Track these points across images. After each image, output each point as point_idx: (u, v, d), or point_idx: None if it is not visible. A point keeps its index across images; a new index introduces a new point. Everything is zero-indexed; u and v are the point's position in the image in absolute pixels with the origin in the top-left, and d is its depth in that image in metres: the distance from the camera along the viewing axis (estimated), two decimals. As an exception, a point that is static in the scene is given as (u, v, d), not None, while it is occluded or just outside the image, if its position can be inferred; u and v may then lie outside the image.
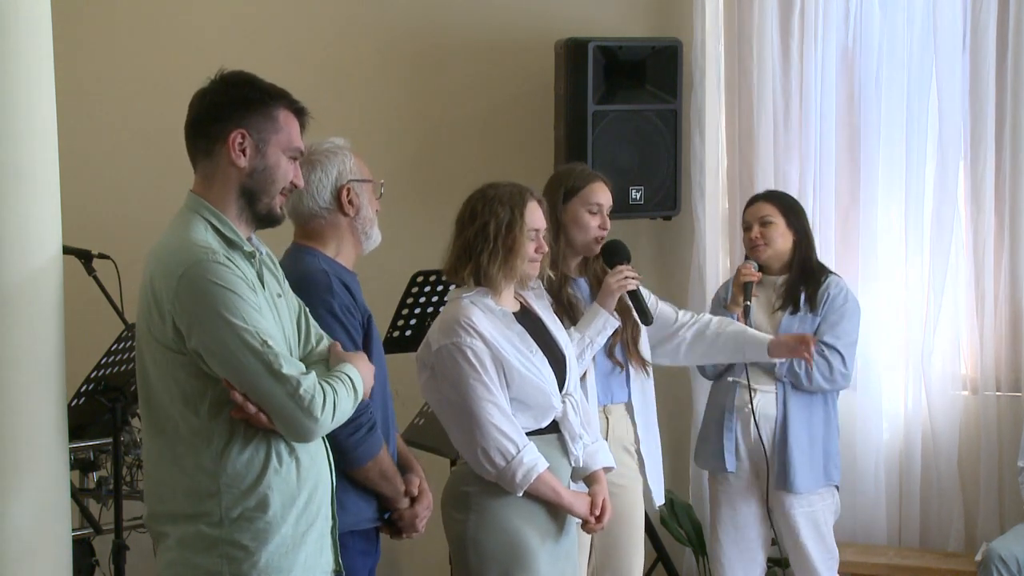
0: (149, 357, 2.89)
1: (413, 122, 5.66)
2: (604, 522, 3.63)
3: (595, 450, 3.69)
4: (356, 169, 3.43)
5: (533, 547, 3.49)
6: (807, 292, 4.54)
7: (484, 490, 3.49)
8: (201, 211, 2.89)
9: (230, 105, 2.90)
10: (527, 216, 3.55)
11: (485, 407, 3.44)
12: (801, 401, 4.50)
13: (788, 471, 4.46)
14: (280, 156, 2.92)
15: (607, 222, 4.14)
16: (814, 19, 5.20)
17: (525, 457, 3.43)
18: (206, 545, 2.86)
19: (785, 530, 4.55)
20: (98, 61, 5.82)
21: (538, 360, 3.54)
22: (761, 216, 4.58)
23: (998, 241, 5.12)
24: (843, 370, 4.50)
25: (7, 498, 3.48)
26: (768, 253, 4.57)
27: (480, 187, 3.62)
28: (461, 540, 3.51)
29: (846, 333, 4.52)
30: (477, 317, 3.48)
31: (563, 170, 4.30)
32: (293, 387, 2.78)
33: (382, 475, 3.30)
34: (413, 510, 3.40)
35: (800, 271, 4.58)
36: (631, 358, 4.18)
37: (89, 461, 4.55)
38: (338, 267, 3.39)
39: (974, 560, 4.80)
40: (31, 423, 3.52)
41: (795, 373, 4.46)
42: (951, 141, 5.13)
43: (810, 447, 4.49)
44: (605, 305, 4.01)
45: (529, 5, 5.52)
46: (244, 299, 2.79)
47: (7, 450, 3.47)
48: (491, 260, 3.52)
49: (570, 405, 3.59)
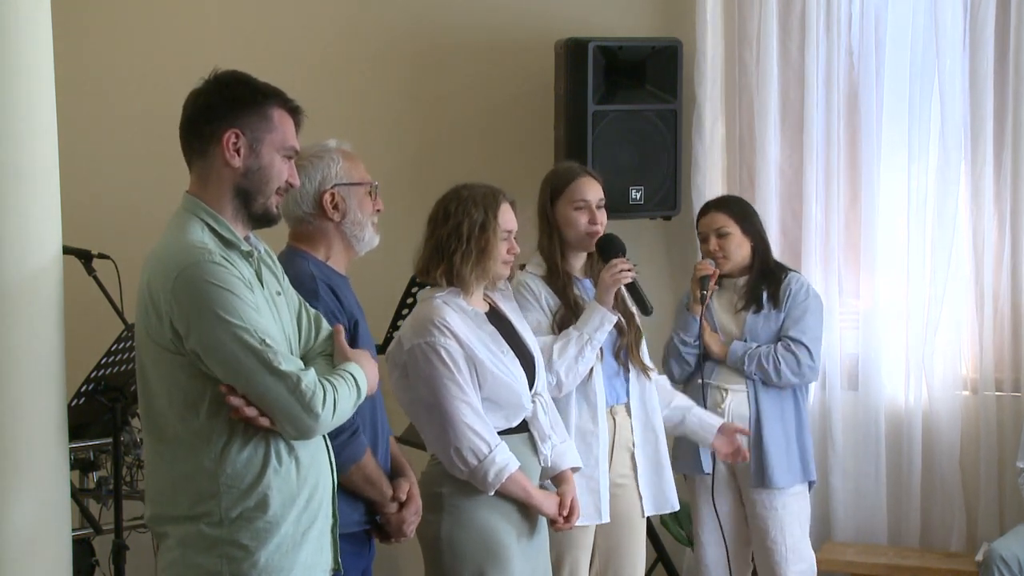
0: (148, 359, 2.89)
1: (413, 122, 5.66)
2: (573, 522, 3.67)
3: (563, 450, 3.72)
4: (344, 172, 3.42)
5: (508, 544, 3.52)
6: (769, 291, 4.60)
7: (457, 490, 3.52)
8: (197, 212, 2.89)
9: (223, 105, 2.89)
10: (500, 217, 3.59)
11: (458, 406, 3.47)
12: (773, 398, 4.56)
13: (765, 467, 4.49)
14: (274, 155, 2.91)
15: (598, 216, 4.12)
16: (814, 19, 5.20)
17: (497, 457, 3.47)
18: (206, 545, 2.85)
19: (759, 529, 4.56)
20: (98, 61, 5.82)
21: (509, 360, 3.57)
22: (717, 228, 4.62)
23: (998, 241, 5.12)
24: (810, 363, 4.55)
25: (7, 498, 3.48)
26: (728, 266, 4.61)
27: (453, 187, 3.65)
28: (435, 540, 3.53)
29: (811, 328, 4.59)
30: (450, 317, 3.51)
31: (551, 170, 4.30)
32: (293, 383, 2.78)
33: (366, 480, 3.29)
34: (400, 515, 3.40)
35: (760, 272, 4.64)
36: (632, 360, 4.17)
37: (89, 461, 4.55)
38: (328, 270, 3.39)
39: (975, 560, 4.81)
40: (31, 423, 3.52)
41: (764, 370, 4.51)
42: (952, 141, 5.12)
43: (785, 443, 4.53)
44: (602, 301, 4.01)
45: (529, 5, 5.52)
46: (241, 298, 2.78)
47: (7, 450, 3.47)
48: (464, 260, 3.56)
49: (540, 405, 3.64)
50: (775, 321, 4.58)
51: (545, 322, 4.03)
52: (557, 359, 3.93)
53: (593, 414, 4.04)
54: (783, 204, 5.33)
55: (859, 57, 5.22)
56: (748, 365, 4.52)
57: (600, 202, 4.15)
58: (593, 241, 4.13)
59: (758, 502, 4.54)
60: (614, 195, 4.99)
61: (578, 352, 3.95)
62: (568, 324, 4.03)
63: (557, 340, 3.97)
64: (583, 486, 3.95)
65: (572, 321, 4.03)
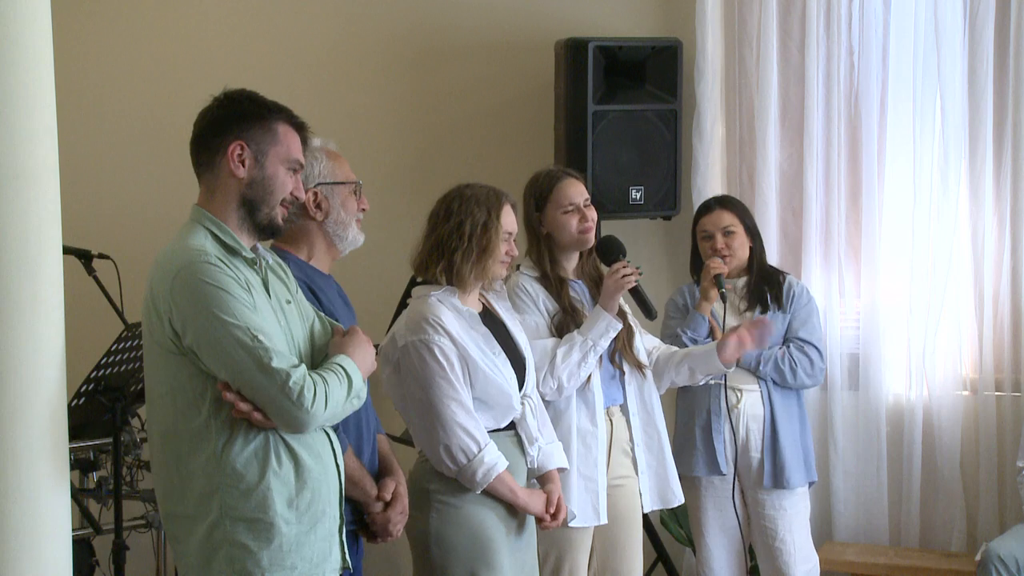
0: (151, 360, 2.97)
1: (413, 122, 5.66)
2: (560, 519, 3.68)
3: (550, 451, 3.74)
4: (328, 171, 3.43)
5: (496, 540, 3.54)
6: (771, 292, 4.61)
7: (446, 487, 3.53)
8: (203, 221, 2.97)
9: (230, 119, 2.98)
10: (503, 219, 3.61)
11: (450, 405, 3.48)
12: (784, 399, 4.57)
13: (783, 468, 4.48)
14: (279, 167, 2.99)
15: (588, 214, 4.11)
16: (814, 19, 5.20)
17: (486, 456, 3.49)
18: (212, 545, 2.89)
19: (767, 529, 4.54)
20: (99, 61, 5.82)
21: (501, 361, 3.59)
22: (724, 226, 4.61)
23: (998, 241, 5.12)
24: (821, 365, 4.61)
25: (7, 498, 3.48)
26: (733, 264, 4.60)
27: (456, 187, 3.67)
28: (423, 537, 3.54)
29: (816, 328, 4.63)
30: (445, 315, 3.53)
31: (531, 178, 4.22)
32: (282, 380, 2.83)
33: (347, 480, 3.29)
34: (385, 515, 3.41)
35: (759, 272, 4.64)
36: (626, 359, 4.17)
37: (89, 461, 4.55)
38: (310, 270, 3.40)
39: (975, 560, 4.80)
40: (31, 423, 3.52)
41: (780, 372, 4.51)
42: (952, 141, 5.12)
43: (796, 443, 4.54)
44: (607, 307, 4.01)
45: (529, 5, 5.52)
46: (235, 297, 2.85)
47: (7, 450, 3.47)
48: (464, 259, 3.58)
49: (528, 407, 3.66)
50: (781, 322, 4.58)
51: (543, 324, 4.03)
52: (560, 363, 3.93)
53: (592, 416, 4.05)
54: (783, 204, 5.34)
55: (859, 57, 5.22)
56: (764, 366, 4.51)
57: (586, 201, 4.14)
58: (587, 240, 4.12)
59: (767, 503, 4.53)
60: (614, 195, 4.99)
61: (581, 358, 3.96)
62: (565, 328, 4.02)
63: (561, 344, 3.97)
64: (581, 487, 3.96)
65: (569, 325, 4.02)
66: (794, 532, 4.53)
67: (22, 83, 3.36)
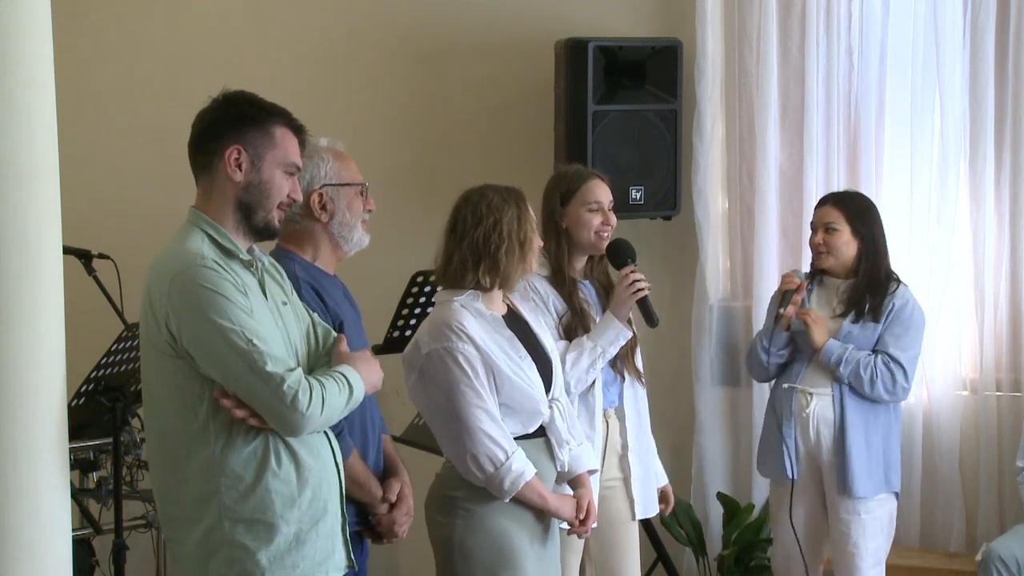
0: (149, 363, 2.97)
1: (413, 122, 5.66)
2: (589, 525, 3.62)
3: (579, 453, 3.65)
4: (334, 172, 3.42)
5: (521, 549, 3.48)
6: (872, 301, 4.46)
7: (471, 495, 3.46)
8: (199, 223, 2.97)
9: (228, 122, 2.98)
10: (530, 211, 3.56)
11: (475, 413, 3.40)
12: (860, 405, 4.44)
13: (848, 476, 4.40)
14: (275, 171, 2.99)
15: (610, 218, 4.12)
16: (814, 19, 5.20)
17: (514, 464, 3.41)
18: (210, 546, 2.90)
19: (841, 533, 4.48)
20: (98, 61, 5.82)
21: (527, 366, 3.51)
22: (826, 222, 4.49)
23: (998, 241, 5.13)
24: (905, 384, 4.43)
25: (7, 498, 3.48)
26: (830, 262, 4.50)
27: (467, 193, 3.56)
28: (447, 544, 3.49)
29: (910, 346, 4.45)
30: (468, 321, 3.45)
31: (558, 173, 4.25)
32: (276, 383, 2.83)
33: (353, 481, 3.29)
34: (390, 516, 3.41)
35: (867, 279, 4.48)
36: (627, 367, 4.17)
37: (89, 461, 4.55)
38: (315, 271, 3.39)
39: (975, 560, 4.80)
40: (31, 423, 3.52)
41: (859, 377, 4.39)
42: (952, 141, 5.12)
43: (868, 452, 4.43)
44: (618, 315, 4.00)
45: (529, 5, 5.52)
46: (231, 300, 2.85)
47: (7, 450, 3.47)
48: (509, 257, 3.48)
49: (557, 410, 3.57)
50: (872, 332, 4.44)
51: (551, 324, 4.01)
52: (570, 369, 3.92)
53: (591, 419, 4.03)
54: (783, 204, 5.33)
55: (859, 57, 5.23)
56: (844, 368, 4.39)
57: (610, 204, 4.14)
58: (602, 243, 4.11)
59: (841, 507, 4.46)
60: (614, 195, 4.99)
61: (590, 364, 3.95)
62: (573, 330, 4.01)
63: (570, 349, 3.96)
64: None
65: (577, 327, 4.01)
66: (867, 537, 4.45)
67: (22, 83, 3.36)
